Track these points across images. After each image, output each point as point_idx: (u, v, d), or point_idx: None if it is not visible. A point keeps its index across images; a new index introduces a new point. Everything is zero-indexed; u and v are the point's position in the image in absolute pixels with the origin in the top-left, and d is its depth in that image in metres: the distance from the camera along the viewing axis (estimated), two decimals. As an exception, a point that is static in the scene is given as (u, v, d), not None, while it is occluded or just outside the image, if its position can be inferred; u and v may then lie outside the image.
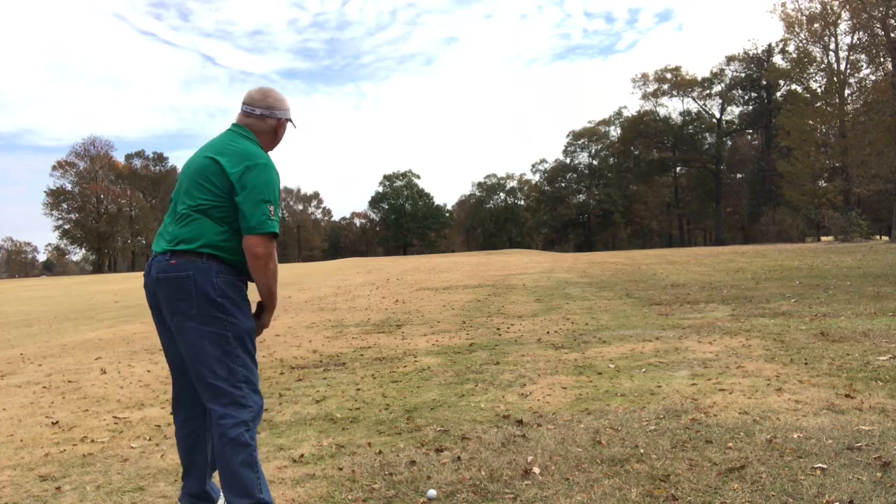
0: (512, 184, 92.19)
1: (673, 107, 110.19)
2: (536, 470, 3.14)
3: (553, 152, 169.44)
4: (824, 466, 2.97)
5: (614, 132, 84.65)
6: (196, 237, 2.61)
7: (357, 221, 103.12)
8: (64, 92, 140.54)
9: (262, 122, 2.80)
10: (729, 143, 75.65)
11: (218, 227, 2.61)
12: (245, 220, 2.57)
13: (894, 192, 39.55)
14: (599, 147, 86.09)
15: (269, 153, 2.83)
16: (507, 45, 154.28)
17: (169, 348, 2.78)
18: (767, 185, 62.24)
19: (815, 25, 43.85)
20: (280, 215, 2.74)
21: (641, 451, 3.33)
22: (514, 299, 12.24)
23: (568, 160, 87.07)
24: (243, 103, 2.82)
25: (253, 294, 2.68)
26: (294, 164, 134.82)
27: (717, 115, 76.45)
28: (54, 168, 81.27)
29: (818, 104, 46.53)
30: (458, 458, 3.40)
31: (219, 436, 2.57)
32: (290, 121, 2.90)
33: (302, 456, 3.59)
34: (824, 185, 49.27)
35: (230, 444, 2.54)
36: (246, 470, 2.55)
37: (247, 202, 2.56)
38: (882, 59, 38.73)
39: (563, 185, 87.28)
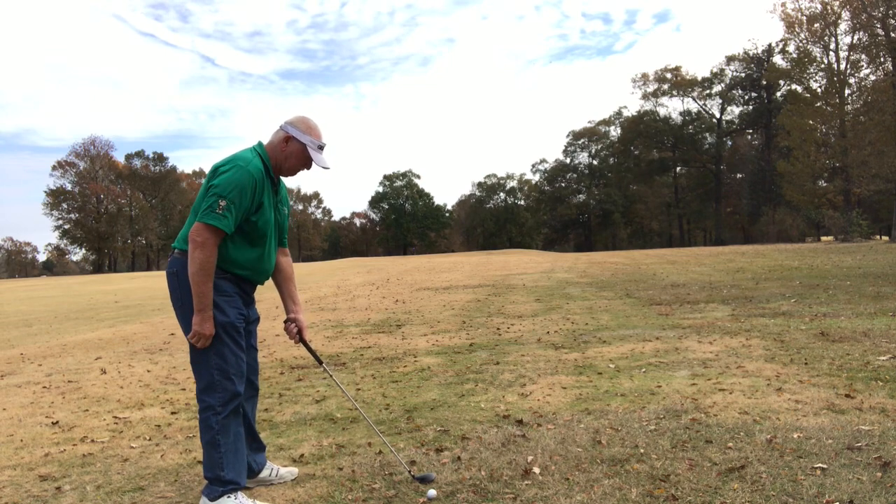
0: (512, 184, 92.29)
1: (673, 107, 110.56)
2: (536, 470, 3.14)
3: (553, 152, 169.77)
4: (824, 466, 2.96)
5: (614, 132, 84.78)
6: (185, 237, 2.88)
7: (357, 221, 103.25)
8: (64, 92, 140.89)
9: (276, 134, 3.02)
10: (729, 143, 75.66)
11: None
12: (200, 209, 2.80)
13: (894, 192, 39.55)
14: (599, 147, 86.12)
15: (290, 177, 3.09)
16: (505, 46, 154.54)
17: None
18: (767, 185, 62.22)
19: (816, 25, 43.83)
20: (259, 219, 2.90)
21: (641, 451, 3.33)
22: (514, 299, 12.24)
23: (568, 160, 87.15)
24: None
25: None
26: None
27: (717, 115, 76.54)
28: (54, 168, 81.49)
29: (818, 104, 46.49)
30: (458, 458, 3.40)
31: (198, 414, 2.92)
32: (310, 152, 2.98)
33: (302, 456, 3.59)
34: (824, 185, 49.23)
35: (200, 424, 2.89)
36: (209, 449, 2.86)
37: (206, 195, 2.80)
38: (882, 59, 38.73)
39: (563, 185, 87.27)
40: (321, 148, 3.03)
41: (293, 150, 2.99)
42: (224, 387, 2.86)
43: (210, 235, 2.74)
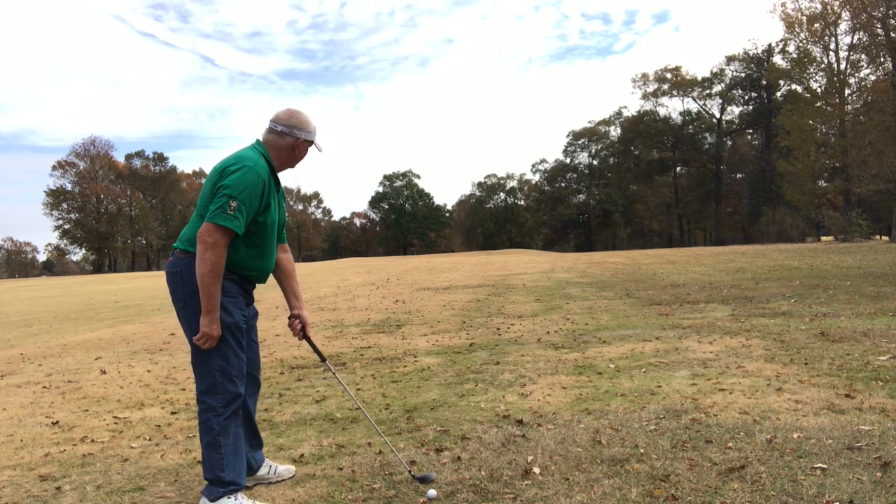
0: (512, 184, 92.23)
1: (673, 107, 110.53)
2: (536, 470, 3.14)
3: (553, 152, 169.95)
4: (824, 466, 2.96)
5: (614, 132, 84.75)
6: (190, 237, 2.88)
7: (357, 221, 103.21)
8: (64, 92, 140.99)
9: (281, 138, 2.99)
10: (729, 143, 75.65)
11: None
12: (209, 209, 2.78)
13: (894, 192, 39.55)
14: (599, 147, 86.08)
15: (287, 171, 3.09)
16: (504, 46, 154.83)
17: None
18: (767, 185, 62.23)
19: (816, 25, 43.84)
20: (266, 219, 2.91)
21: (641, 451, 3.33)
22: (514, 299, 12.24)
23: (568, 160, 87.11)
24: (270, 120, 3.02)
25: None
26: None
27: (717, 115, 76.52)
28: (54, 168, 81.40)
29: (818, 104, 46.50)
30: (458, 458, 3.40)
31: (198, 416, 2.91)
32: (314, 143, 3.07)
33: (302, 456, 3.59)
34: (824, 185, 49.25)
35: (201, 425, 2.88)
36: (209, 450, 2.85)
37: (216, 196, 2.78)
38: (882, 59, 38.77)
39: (563, 185, 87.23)
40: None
41: (304, 150, 3.06)
42: (226, 388, 2.86)
43: (221, 236, 2.73)
